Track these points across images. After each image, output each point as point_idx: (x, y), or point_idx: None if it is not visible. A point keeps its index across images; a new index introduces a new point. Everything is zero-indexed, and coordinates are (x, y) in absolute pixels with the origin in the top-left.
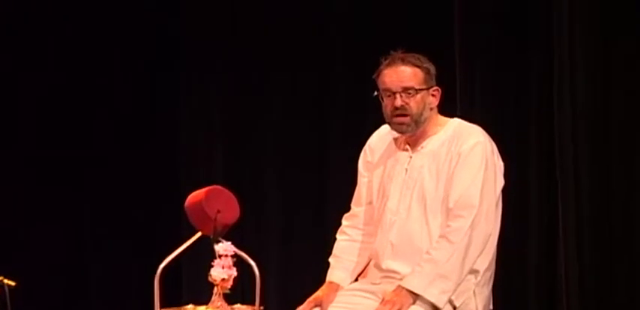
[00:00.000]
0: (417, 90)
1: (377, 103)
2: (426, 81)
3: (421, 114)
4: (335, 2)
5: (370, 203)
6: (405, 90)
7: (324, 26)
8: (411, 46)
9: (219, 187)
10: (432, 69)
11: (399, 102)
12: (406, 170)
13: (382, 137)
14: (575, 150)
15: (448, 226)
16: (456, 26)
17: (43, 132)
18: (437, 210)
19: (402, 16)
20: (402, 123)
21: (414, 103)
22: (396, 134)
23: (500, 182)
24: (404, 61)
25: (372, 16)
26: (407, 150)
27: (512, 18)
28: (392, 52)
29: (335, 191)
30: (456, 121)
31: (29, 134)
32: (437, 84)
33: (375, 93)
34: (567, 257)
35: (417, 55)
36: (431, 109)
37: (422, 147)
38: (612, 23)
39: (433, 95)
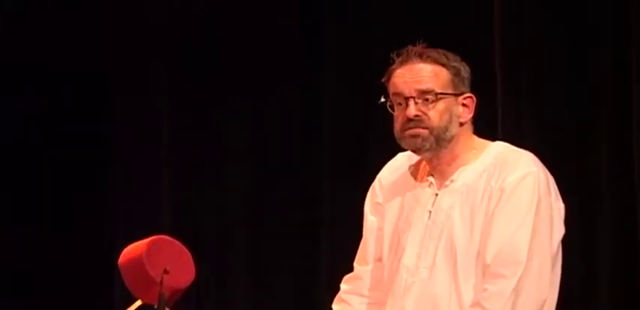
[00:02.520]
0: (439, 96)
1: (380, 127)
2: (453, 84)
3: (445, 128)
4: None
5: (380, 259)
6: (422, 94)
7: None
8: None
9: (166, 238)
10: (465, 70)
11: (412, 111)
12: (429, 213)
13: (397, 169)
14: None
15: (485, 290)
16: (496, 24)
17: None
18: (470, 267)
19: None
20: (416, 135)
21: (434, 113)
22: (414, 159)
23: (560, 229)
24: (422, 57)
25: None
26: (431, 184)
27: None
28: (409, 47)
29: (329, 245)
30: (500, 145)
31: None
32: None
33: (383, 99)
34: None
35: (442, 51)
36: (461, 124)
37: (451, 181)
38: None
39: (464, 105)
